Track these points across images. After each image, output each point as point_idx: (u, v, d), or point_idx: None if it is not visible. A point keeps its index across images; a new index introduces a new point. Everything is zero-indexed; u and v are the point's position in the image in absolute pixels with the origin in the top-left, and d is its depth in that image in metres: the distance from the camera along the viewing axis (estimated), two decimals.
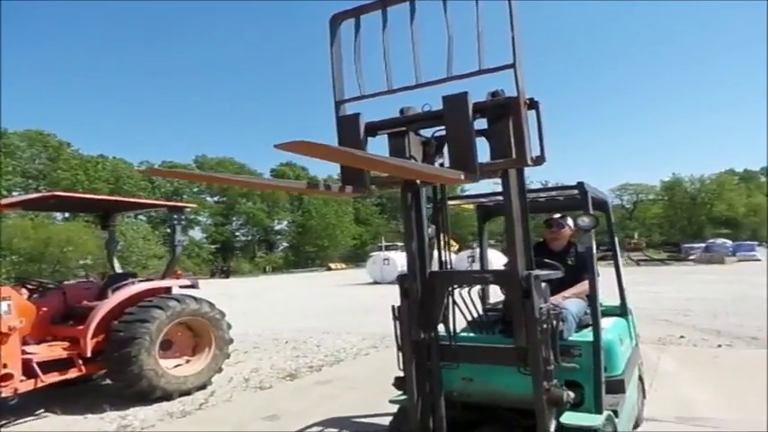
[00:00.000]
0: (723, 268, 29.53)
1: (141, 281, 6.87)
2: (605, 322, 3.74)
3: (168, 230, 55.17)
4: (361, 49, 2.96)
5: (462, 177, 2.48)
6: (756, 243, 41.99)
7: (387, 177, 2.94)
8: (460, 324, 3.35)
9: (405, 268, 3.17)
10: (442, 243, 3.31)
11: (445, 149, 3.00)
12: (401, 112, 2.96)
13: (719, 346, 8.03)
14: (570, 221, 4.25)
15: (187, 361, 6.62)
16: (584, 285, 3.86)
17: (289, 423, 5.14)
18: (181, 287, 7.03)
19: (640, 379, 4.56)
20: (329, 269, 56.20)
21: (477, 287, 3.52)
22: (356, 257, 66.33)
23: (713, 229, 56.92)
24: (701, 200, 61.09)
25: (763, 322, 9.78)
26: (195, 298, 6.60)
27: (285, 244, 72.06)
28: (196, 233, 60.91)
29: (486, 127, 2.74)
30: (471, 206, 5.12)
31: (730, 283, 18.75)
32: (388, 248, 42.45)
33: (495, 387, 3.30)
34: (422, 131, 3.04)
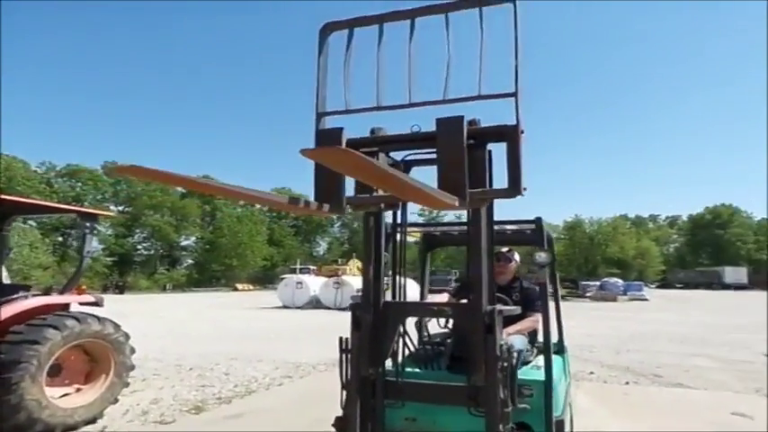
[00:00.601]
0: (616, 305, 31.68)
1: (36, 295, 6.02)
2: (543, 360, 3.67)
3: (60, 239, 50.86)
4: (351, 62, 2.79)
5: (457, 203, 2.31)
6: (643, 283, 45.64)
7: (363, 199, 2.73)
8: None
9: (318, 294, 2.93)
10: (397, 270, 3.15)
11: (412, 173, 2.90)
12: (371, 131, 2.82)
13: (627, 383, 8.37)
14: (517, 256, 4.21)
15: (77, 390, 5.82)
16: (528, 322, 3.80)
17: None
18: (82, 304, 6.26)
19: (571, 420, 4.54)
20: (236, 290, 54.16)
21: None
22: (265, 279, 64.52)
23: (606, 269, 61.17)
24: (597, 241, 65.55)
25: (661, 360, 10.43)
26: (98, 317, 5.87)
27: (190, 261, 68.64)
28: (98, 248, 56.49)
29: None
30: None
31: (625, 320, 20.03)
32: (301, 272, 41.52)
33: (440, 429, 3.11)
34: (392, 154, 2.91)
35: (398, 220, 3.21)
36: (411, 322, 3.36)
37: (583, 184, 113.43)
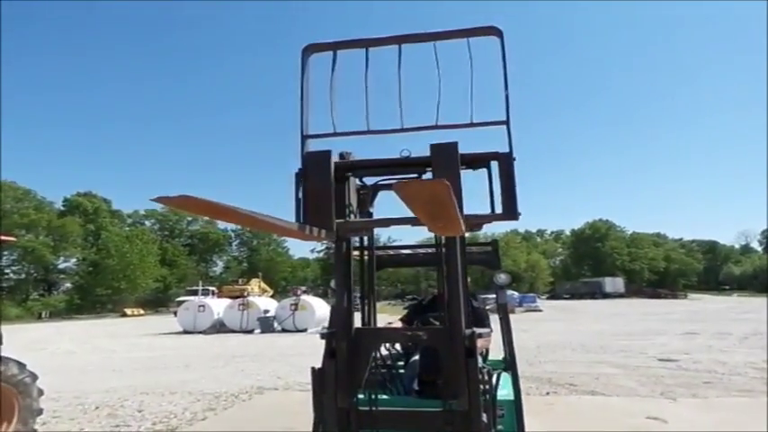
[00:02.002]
0: (514, 317, 32.85)
1: None
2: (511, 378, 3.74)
3: None
4: (336, 84, 2.77)
5: (464, 229, 2.35)
6: (536, 295, 48.64)
7: (354, 222, 2.68)
8: None
9: (223, 316, 2.74)
10: (369, 295, 3.06)
11: (377, 200, 2.94)
12: (341, 156, 2.77)
13: (548, 393, 8.75)
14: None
15: None
16: (480, 341, 3.82)
17: None
18: None
19: None
20: (124, 315, 50.17)
21: None
22: (156, 302, 60.59)
23: None
24: None
25: (571, 369, 11.07)
26: None
27: (69, 285, 62.45)
28: None
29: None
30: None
31: (527, 332, 21.07)
32: (202, 293, 39.41)
33: None
34: (364, 179, 2.92)
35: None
36: None
37: (474, 201, 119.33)
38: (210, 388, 9.71)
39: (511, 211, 2.54)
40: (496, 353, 4.55)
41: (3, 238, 6.05)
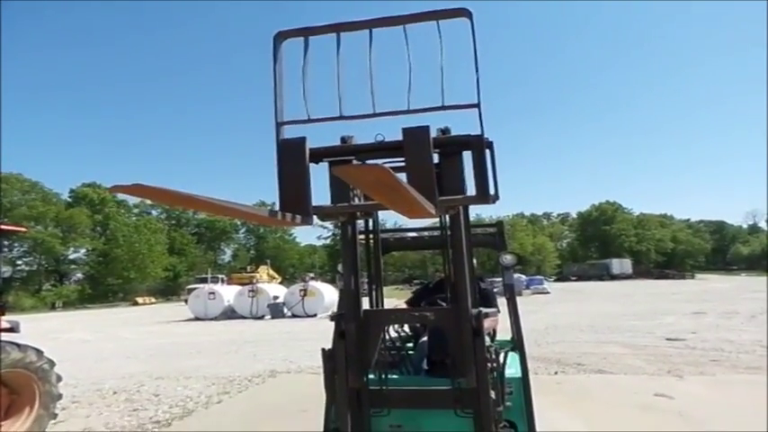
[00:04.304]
0: (522, 300, 33.00)
1: None
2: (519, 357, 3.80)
3: None
4: (309, 70, 2.72)
5: (434, 211, 2.31)
6: (543, 278, 48.65)
7: (330, 208, 2.69)
8: None
9: (233, 303, 2.81)
10: (375, 278, 3.13)
11: None
12: (342, 140, 2.81)
13: (556, 372, 8.86)
14: (474, 260, 4.30)
15: None
16: (488, 321, 3.88)
17: None
18: None
19: None
20: (136, 304, 50.68)
21: None
22: (167, 290, 61.07)
23: None
24: None
25: (579, 349, 11.16)
26: (17, 344, 5.22)
27: (80, 275, 63.06)
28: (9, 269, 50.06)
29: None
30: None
31: (535, 314, 21.16)
32: (212, 281, 39.75)
33: None
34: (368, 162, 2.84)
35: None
36: None
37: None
38: (224, 372, 9.89)
39: (484, 194, 2.52)
40: (504, 334, 4.64)
41: (12, 228, 6.17)
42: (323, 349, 2.89)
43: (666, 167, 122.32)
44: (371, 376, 2.91)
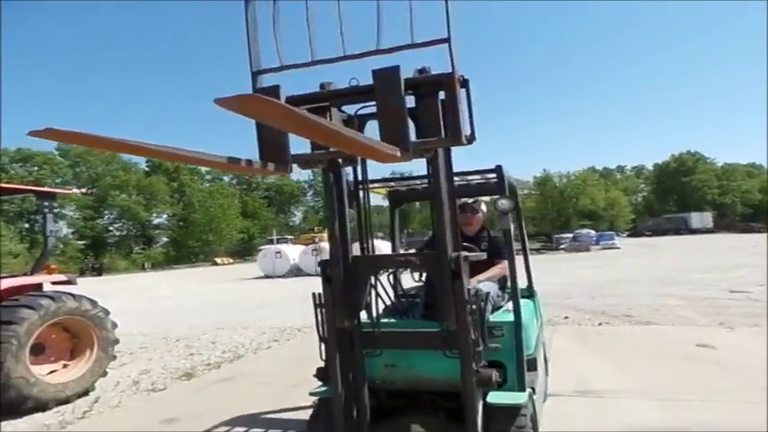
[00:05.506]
0: (589, 255, 32.58)
1: (4, 277, 5.97)
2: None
3: (27, 225, 49.48)
4: (280, 17, 2.69)
5: (399, 154, 2.26)
6: (614, 233, 46.83)
7: (309, 156, 2.72)
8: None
9: (298, 261, 2.97)
10: (364, 227, 3.19)
11: (367, 128, 2.88)
12: (321, 86, 2.78)
13: (600, 324, 8.75)
14: (483, 207, 4.32)
15: (64, 366, 5.87)
16: (496, 269, 3.93)
17: (190, 425, 4.73)
18: (54, 283, 6.22)
19: (545, 358, 4.77)
20: (215, 264, 53.77)
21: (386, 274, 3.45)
22: (243, 251, 64.13)
23: (578, 221, 62.22)
24: (567, 194, 66.39)
25: (632, 302, 10.88)
26: (73, 295, 5.87)
27: (165, 239, 67.55)
28: (61, 227, 54.93)
29: (413, 105, 2.61)
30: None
31: (598, 269, 20.65)
32: (279, 242, 41.43)
33: (418, 372, 3.23)
34: (345, 108, 2.85)
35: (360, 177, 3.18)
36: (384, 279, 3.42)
37: (550, 140, 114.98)
38: (279, 323, 10.51)
39: (456, 135, 2.46)
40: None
41: (62, 191, 6.80)
42: (313, 293, 3.03)
43: (752, 110, 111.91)
44: (365, 320, 3.07)
